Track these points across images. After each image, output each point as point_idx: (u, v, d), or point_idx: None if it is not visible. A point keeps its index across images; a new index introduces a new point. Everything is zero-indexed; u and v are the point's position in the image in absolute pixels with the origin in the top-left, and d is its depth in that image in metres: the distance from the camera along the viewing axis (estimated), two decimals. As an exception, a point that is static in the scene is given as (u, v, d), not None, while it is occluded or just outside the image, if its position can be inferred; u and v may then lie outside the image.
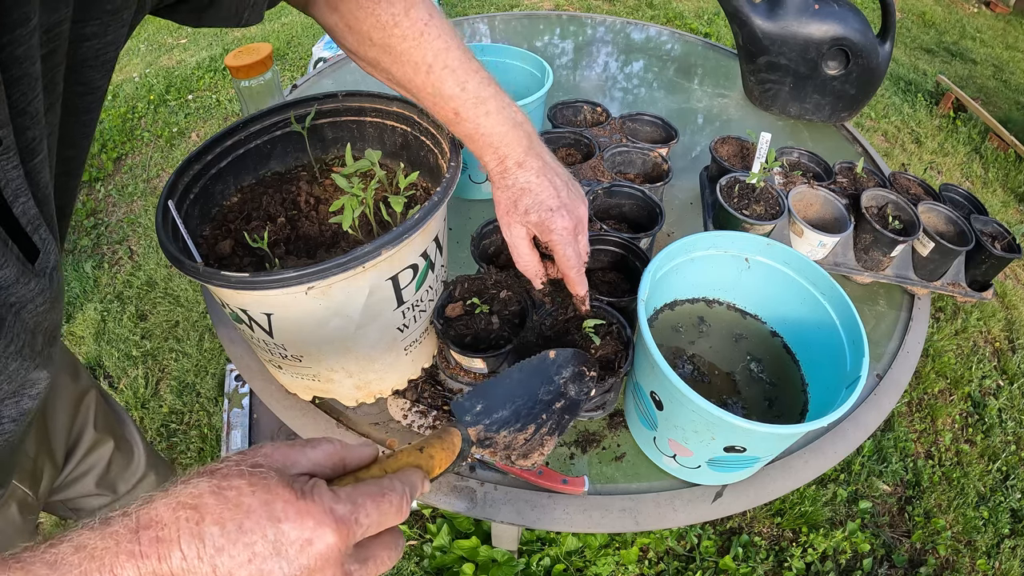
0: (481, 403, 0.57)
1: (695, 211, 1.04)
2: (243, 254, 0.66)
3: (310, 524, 0.31)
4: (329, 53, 2.31)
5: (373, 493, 0.35)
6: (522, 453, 0.56)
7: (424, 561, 1.38)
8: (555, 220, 0.61)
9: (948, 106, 3.12)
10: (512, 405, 0.58)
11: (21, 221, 0.38)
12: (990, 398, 1.89)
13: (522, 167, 0.61)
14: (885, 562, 1.50)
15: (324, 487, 0.33)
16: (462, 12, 3.58)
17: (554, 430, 0.58)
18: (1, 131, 0.34)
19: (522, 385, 0.60)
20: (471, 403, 0.56)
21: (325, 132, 0.76)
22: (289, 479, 0.32)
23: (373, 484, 0.35)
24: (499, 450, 0.55)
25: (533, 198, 0.61)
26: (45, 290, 0.41)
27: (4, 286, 0.38)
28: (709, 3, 3.99)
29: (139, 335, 1.89)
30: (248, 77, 1.02)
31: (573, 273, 0.64)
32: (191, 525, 0.29)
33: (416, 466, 0.41)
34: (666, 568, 1.43)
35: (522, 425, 0.57)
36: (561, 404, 0.60)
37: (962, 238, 0.89)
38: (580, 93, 1.36)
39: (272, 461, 0.34)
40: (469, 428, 0.53)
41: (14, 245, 0.37)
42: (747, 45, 1.23)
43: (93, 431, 0.84)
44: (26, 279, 0.39)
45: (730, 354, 0.78)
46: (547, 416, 0.58)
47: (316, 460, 0.36)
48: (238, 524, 0.30)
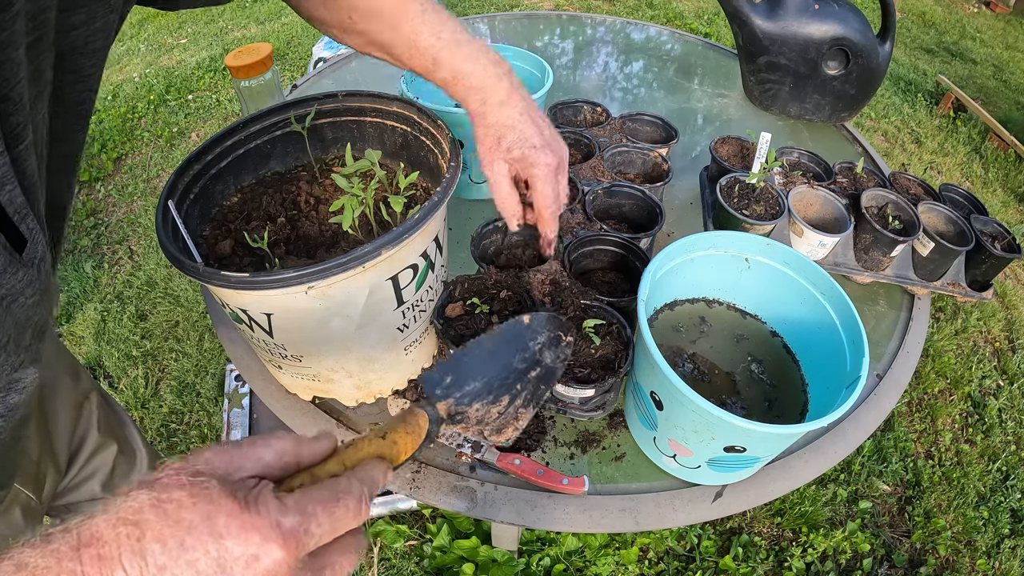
0: (451, 375, 0.53)
1: (695, 211, 1.04)
2: (243, 254, 0.66)
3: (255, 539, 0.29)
4: (329, 53, 2.31)
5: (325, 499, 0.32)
6: (495, 428, 0.53)
7: (424, 561, 1.38)
8: (538, 156, 0.62)
9: (948, 106, 3.12)
10: (484, 376, 0.55)
11: (8, 210, 0.37)
12: (990, 398, 1.89)
13: (505, 105, 0.61)
14: (885, 562, 1.50)
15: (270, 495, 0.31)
16: (462, 12, 3.58)
17: (529, 401, 0.56)
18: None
19: (495, 354, 0.57)
20: (441, 376, 0.53)
21: (325, 132, 0.76)
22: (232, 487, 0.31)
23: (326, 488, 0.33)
24: (471, 425, 0.53)
25: (517, 135, 0.62)
26: (34, 281, 0.40)
27: None
28: (709, 3, 3.99)
29: (139, 335, 1.89)
30: (248, 77, 1.02)
31: (548, 212, 0.64)
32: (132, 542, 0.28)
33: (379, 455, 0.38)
34: (666, 568, 1.43)
35: (495, 397, 0.54)
36: (536, 372, 0.57)
37: (962, 238, 0.89)
38: (580, 93, 1.36)
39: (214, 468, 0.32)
40: (439, 403, 0.50)
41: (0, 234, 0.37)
42: (747, 45, 1.23)
43: (97, 434, 0.84)
44: (14, 269, 0.38)
45: (730, 354, 0.78)
46: (522, 386, 0.56)
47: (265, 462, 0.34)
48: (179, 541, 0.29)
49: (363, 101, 0.73)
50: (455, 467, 0.69)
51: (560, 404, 0.70)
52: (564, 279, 0.74)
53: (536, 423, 0.72)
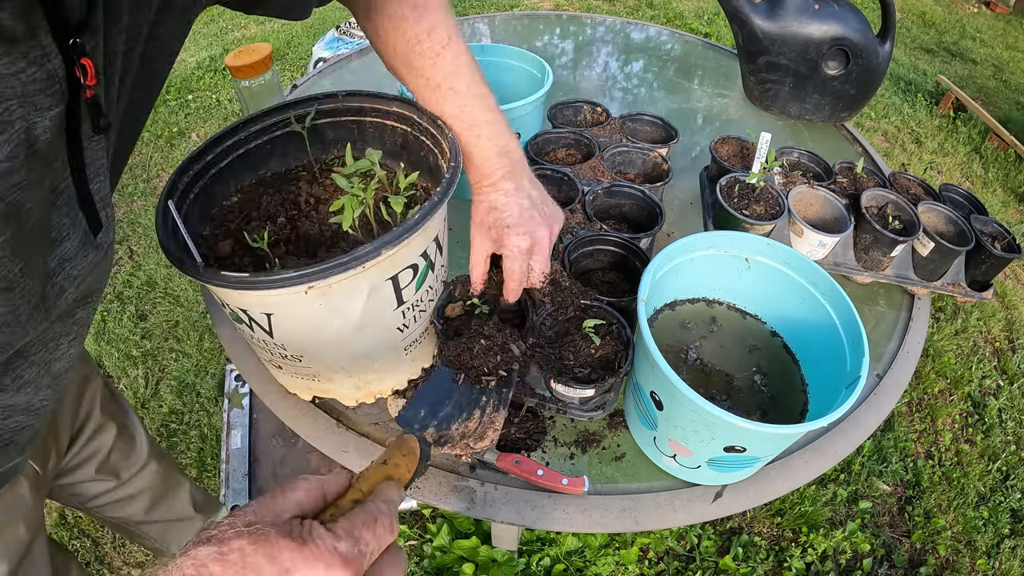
0: (423, 408, 0.62)
1: (695, 211, 1.04)
2: (243, 254, 0.66)
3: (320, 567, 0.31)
4: (329, 53, 2.31)
5: (366, 521, 0.35)
6: (478, 436, 0.60)
7: (424, 561, 1.38)
8: (510, 238, 0.66)
9: (948, 106, 3.12)
10: (451, 400, 0.63)
11: (96, 198, 0.42)
12: (990, 398, 1.89)
13: (495, 188, 0.67)
14: (885, 562, 1.50)
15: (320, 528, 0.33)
16: (462, 12, 3.58)
17: (498, 406, 0.62)
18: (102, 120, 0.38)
19: (454, 379, 0.65)
20: (414, 412, 0.61)
21: (325, 132, 0.76)
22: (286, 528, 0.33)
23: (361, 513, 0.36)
24: (457, 442, 0.59)
25: (497, 216, 0.67)
26: (101, 262, 0.45)
27: (67, 257, 0.41)
28: (709, 3, 3.99)
29: (139, 335, 1.89)
30: (248, 77, 1.02)
31: (513, 285, 0.68)
32: None
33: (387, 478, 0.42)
34: (666, 568, 1.43)
35: (467, 414, 0.62)
36: (495, 381, 0.65)
37: (962, 238, 0.89)
38: (580, 93, 1.36)
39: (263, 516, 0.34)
40: (424, 432, 0.56)
41: (83, 219, 0.41)
42: (747, 45, 1.23)
43: (100, 414, 0.86)
44: (87, 251, 0.42)
45: (730, 354, 0.78)
46: (487, 397, 0.63)
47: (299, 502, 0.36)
48: None
49: (363, 101, 0.73)
50: (455, 467, 0.69)
51: (560, 404, 0.70)
52: (564, 279, 0.74)
53: (536, 423, 0.72)
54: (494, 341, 0.67)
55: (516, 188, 0.67)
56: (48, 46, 0.32)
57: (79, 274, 0.42)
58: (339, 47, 2.29)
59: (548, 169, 0.92)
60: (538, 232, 0.67)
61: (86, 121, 0.38)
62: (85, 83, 0.35)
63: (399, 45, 0.65)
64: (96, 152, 0.40)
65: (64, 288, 0.42)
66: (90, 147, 0.39)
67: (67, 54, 0.33)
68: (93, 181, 0.41)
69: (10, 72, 0.30)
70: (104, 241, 0.45)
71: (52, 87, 0.32)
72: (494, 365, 0.65)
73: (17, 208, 0.33)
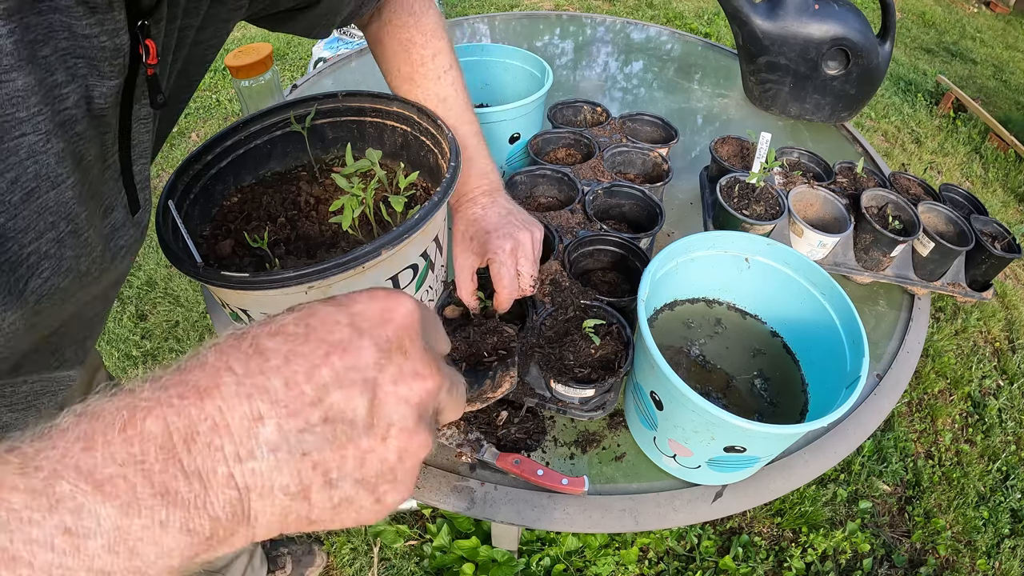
0: None
1: (695, 211, 1.04)
2: (243, 254, 0.66)
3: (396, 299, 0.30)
4: (329, 53, 2.31)
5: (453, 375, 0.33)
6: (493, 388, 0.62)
7: (424, 561, 1.38)
8: (492, 241, 0.68)
9: (948, 106, 3.12)
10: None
11: (137, 179, 0.44)
12: (990, 398, 1.89)
13: (473, 203, 0.72)
14: (885, 562, 1.50)
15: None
16: (462, 12, 3.58)
17: (507, 368, 0.64)
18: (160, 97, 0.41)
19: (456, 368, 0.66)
20: None
21: (325, 132, 0.76)
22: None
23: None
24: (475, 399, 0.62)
25: (477, 227, 0.70)
26: (138, 240, 0.47)
27: (117, 227, 0.43)
28: (709, 3, 3.99)
29: (139, 335, 1.89)
30: (248, 77, 1.02)
31: (503, 292, 0.68)
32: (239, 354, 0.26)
33: None
34: (666, 568, 1.43)
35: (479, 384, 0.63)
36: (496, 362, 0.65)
37: (962, 238, 0.89)
38: (580, 93, 1.36)
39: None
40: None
41: (125, 196, 0.44)
42: (747, 45, 1.23)
43: None
44: (127, 228, 0.45)
45: (730, 354, 0.78)
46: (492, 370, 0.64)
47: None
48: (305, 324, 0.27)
49: (363, 101, 0.73)
50: (455, 467, 0.69)
51: (560, 404, 0.70)
52: (564, 279, 0.74)
53: (536, 423, 0.72)
54: (487, 326, 0.68)
55: (493, 202, 0.72)
56: (120, 21, 0.35)
57: (125, 244, 0.45)
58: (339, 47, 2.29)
59: (548, 169, 0.92)
60: (519, 234, 0.68)
61: (141, 99, 0.41)
62: (147, 61, 0.38)
63: (404, 67, 0.71)
64: (142, 135, 0.43)
65: (116, 254, 0.44)
66: (138, 128, 0.42)
67: (134, 33, 0.37)
68: (136, 162, 0.43)
69: (86, 34, 0.33)
70: (141, 220, 0.47)
71: (117, 58, 0.36)
72: (492, 346, 0.66)
73: (80, 157, 0.36)
